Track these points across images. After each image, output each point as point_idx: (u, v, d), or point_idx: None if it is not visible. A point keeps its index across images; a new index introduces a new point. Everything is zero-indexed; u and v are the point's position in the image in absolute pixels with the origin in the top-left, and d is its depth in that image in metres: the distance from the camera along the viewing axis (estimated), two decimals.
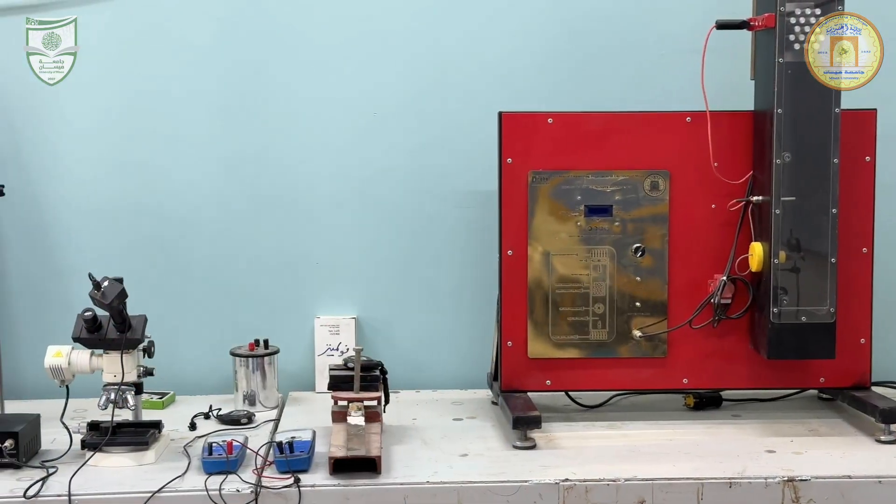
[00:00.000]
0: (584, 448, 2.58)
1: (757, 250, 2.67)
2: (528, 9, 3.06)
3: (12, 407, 2.81)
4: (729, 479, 2.38)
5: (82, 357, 2.55)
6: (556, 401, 2.91)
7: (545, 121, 2.74)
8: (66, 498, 2.30)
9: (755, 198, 2.69)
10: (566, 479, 2.36)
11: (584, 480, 2.36)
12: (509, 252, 2.76)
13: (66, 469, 2.42)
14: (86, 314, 2.49)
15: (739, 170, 2.72)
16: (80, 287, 2.96)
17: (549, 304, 2.77)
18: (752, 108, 2.73)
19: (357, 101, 3.07)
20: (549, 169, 2.75)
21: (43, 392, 2.92)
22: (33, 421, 2.56)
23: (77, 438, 2.53)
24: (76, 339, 2.53)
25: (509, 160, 2.74)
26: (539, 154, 2.74)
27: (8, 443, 2.44)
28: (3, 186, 2.76)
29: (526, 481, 2.37)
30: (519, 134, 2.74)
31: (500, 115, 2.74)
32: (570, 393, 2.91)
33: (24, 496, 2.30)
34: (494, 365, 2.88)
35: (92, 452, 2.46)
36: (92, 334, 2.51)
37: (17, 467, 2.44)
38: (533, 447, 2.58)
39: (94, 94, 3.02)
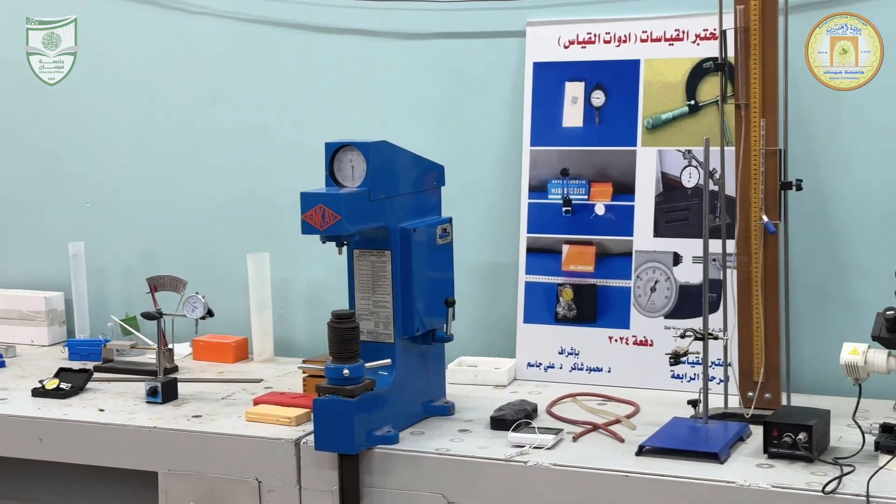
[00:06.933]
0: None
1: None
2: None
3: (795, 400, 2.83)
4: None
5: (879, 357, 2.49)
6: None
7: None
8: (864, 499, 2.27)
9: None
10: None
11: None
12: None
13: (861, 469, 2.39)
14: (887, 313, 2.42)
15: None
16: (862, 286, 2.96)
17: None
18: None
19: None
20: None
21: (821, 387, 2.93)
22: (824, 416, 2.55)
23: (869, 439, 2.48)
24: (875, 338, 2.48)
25: None
26: None
27: (801, 436, 2.46)
28: (801, 181, 2.77)
29: None
30: None
31: None
32: None
33: (822, 492, 2.31)
34: None
35: (890, 456, 2.40)
36: (892, 334, 2.44)
37: (809, 461, 2.45)
38: None
39: None
